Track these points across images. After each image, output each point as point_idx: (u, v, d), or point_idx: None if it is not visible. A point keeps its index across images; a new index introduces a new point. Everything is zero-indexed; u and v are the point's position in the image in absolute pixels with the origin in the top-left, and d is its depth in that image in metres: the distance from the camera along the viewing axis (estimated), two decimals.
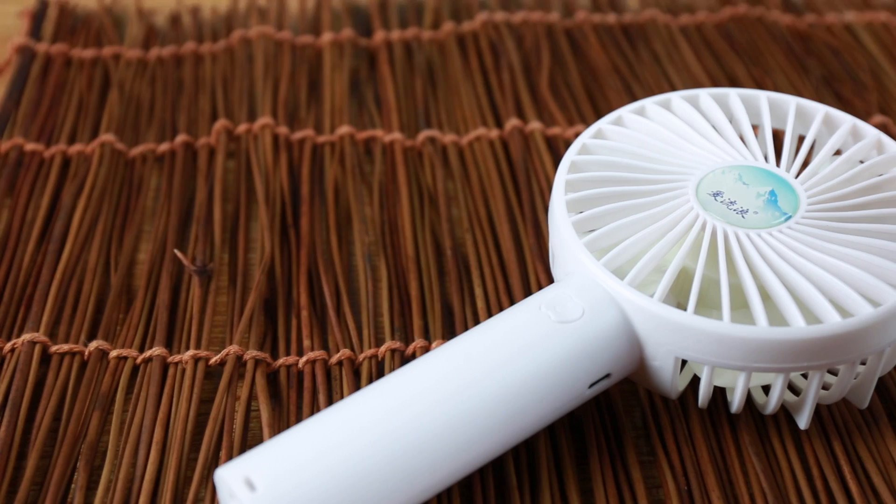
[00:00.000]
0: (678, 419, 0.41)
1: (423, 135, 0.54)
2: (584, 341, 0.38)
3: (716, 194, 0.41)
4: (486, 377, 0.37)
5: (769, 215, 0.41)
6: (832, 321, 0.37)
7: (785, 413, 0.42)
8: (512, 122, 0.55)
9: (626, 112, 0.45)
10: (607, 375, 0.39)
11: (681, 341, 0.38)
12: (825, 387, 0.41)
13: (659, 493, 0.39)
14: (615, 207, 0.41)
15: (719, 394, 0.42)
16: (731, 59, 0.60)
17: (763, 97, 0.46)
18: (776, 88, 0.58)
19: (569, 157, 0.44)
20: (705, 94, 0.46)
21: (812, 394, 0.39)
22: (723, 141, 0.44)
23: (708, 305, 0.41)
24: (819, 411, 0.42)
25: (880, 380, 0.43)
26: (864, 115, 0.57)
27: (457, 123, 0.56)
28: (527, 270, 0.47)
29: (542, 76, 0.58)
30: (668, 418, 0.41)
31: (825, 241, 0.40)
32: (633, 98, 0.57)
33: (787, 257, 0.39)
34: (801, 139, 0.46)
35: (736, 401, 0.39)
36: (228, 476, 0.34)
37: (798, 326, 0.37)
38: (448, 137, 0.54)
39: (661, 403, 0.42)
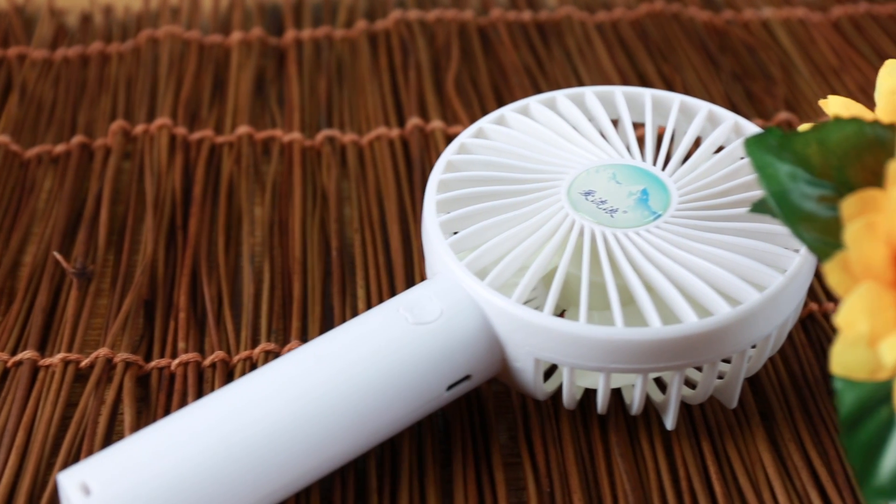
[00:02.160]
0: (549, 421, 0.41)
1: (323, 134, 0.54)
2: (441, 343, 0.38)
3: (587, 194, 0.41)
4: (336, 378, 0.36)
5: (638, 214, 0.40)
6: (689, 321, 0.37)
7: (657, 414, 0.41)
8: (413, 121, 0.54)
9: (508, 111, 0.45)
10: (467, 377, 0.38)
11: (539, 343, 0.37)
12: (693, 386, 0.41)
13: (522, 495, 0.39)
14: (484, 208, 0.41)
15: (594, 395, 0.42)
16: (643, 56, 0.60)
17: (647, 95, 0.45)
18: (685, 85, 0.58)
19: (445, 156, 0.43)
20: (590, 93, 0.46)
21: (675, 394, 0.39)
22: (602, 139, 0.44)
23: (577, 304, 0.41)
24: (691, 411, 0.42)
25: (755, 379, 0.43)
26: (771, 112, 0.56)
27: (359, 123, 0.55)
28: (413, 272, 0.47)
29: (449, 75, 0.58)
30: (539, 420, 0.41)
31: (690, 239, 0.39)
32: None
33: (651, 257, 0.39)
34: (696, 137, 0.46)
35: (599, 401, 0.39)
36: (66, 481, 0.34)
37: (655, 327, 0.37)
38: (348, 137, 0.54)
39: (532, 405, 0.42)
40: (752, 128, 0.43)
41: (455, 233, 0.41)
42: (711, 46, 0.61)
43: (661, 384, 0.42)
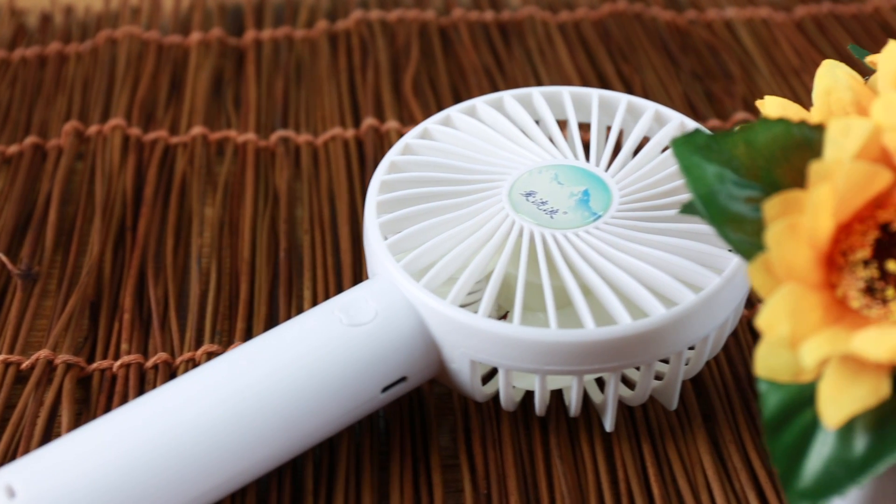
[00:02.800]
0: (490, 423, 0.41)
1: (277, 135, 0.54)
2: (375, 344, 0.37)
3: (528, 195, 0.41)
4: (268, 380, 0.36)
5: (578, 215, 0.40)
6: (623, 323, 0.37)
7: (599, 416, 0.41)
8: (368, 122, 0.54)
9: (454, 111, 0.45)
10: (403, 379, 0.38)
11: (474, 344, 0.37)
12: (633, 387, 0.41)
13: (459, 497, 0.39)
14: (424, 209, 0.41)
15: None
16: (603, 56, 0.60)
17: (594, 95, 0.45)
18: (644, 86, 0.58)
19: (389, 157, 0.43)
20: (537, 93, 0.45)
21: (612, 395, 0.39)
22: (546, 140, 0.43)
23: (526, 307, 0.41)
24: (633, 413, 0.41)
25: (699, 381, 0.42)
26: (729, 112, 0.56)
27: (315, 123, 0.55)
28: (361, 273, 0.47)
29: (407, 75, 0.58)
30: (479, 422, 0.41)
31: (627, 240, 0.39)
32: None
33: (588, 258, 0.39)
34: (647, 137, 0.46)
35: (536, 403, 0.39)
36: None
37: (588, 329, 0.37)
38: (303, 137, 0.54)
39: (473, 407, 0.42)
40: (693, 125, 0.43)
41: (397, 233, 0.41)
42: (673, 46, 0.61)
43: (603, 385, 0.42)
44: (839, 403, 0.30)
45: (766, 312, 0.30)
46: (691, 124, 0.43)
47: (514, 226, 0.40)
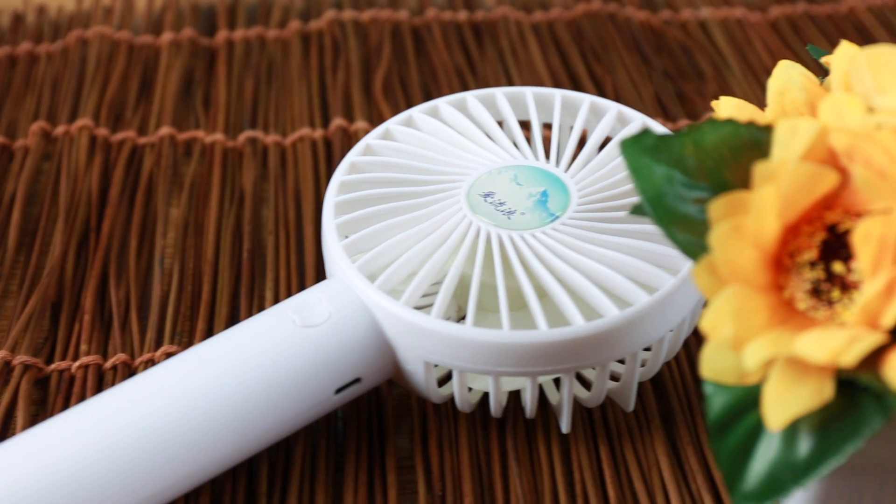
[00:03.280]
0: (447, 424, 0.41)
1: (245, 135, 0.54)
2: (328, 346, 0.37)
3: (487, 195, 0.41)
4: (218, 380, 0.36)
5: (536, 216, 0.40)
6: (576, 324, 0.37)
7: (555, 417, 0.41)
8: (337, 122, 0.54)
9: (416, 112, 0.45)
10: (357, 380, 0.38)
11: (427, 345, 0.37)
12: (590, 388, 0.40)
13: (413, 498, 0.39)
14: (382, 209, 0.41)
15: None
16: (576, 56, 0.60)
17: (557, 95, 0.45)
18: (616, 86, 0.57)
19: (349, 157, 0.43)
20: (500, 94, 0.45)
21: (567, 397, 0.38)
22: (507, 141, 0.43)
23: (484, 308, 0.41)
24: (591, 414, 0.41)
25: (659, 382, 0.42)
26: (700, 112, 0.56)
27: (284, 123, 0.55)
28: (325, 274, 0.47)
29: (378, 75, 0.57)
30: (437, 423, 0.41)
31: (584, 241, 0.39)
32: None
33: (544, 259, 0.39)
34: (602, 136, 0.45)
35: (491, 405, 0.39)
36: None
37: (541, 330, 0.36)
38: (271, 138, 0.54)
39: (431, 408, 0.41)
40: (659, 128, 0.43)
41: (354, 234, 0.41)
42: (646, 47, 0.60)
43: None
44: (782, 405, 0.30)
45: (710, 314, 0.30)
46: (653, 125, 0.43)
47: (472, 227, 0.40)
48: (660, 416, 0.41)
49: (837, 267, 0.31)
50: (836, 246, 0.32)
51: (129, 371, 0.43)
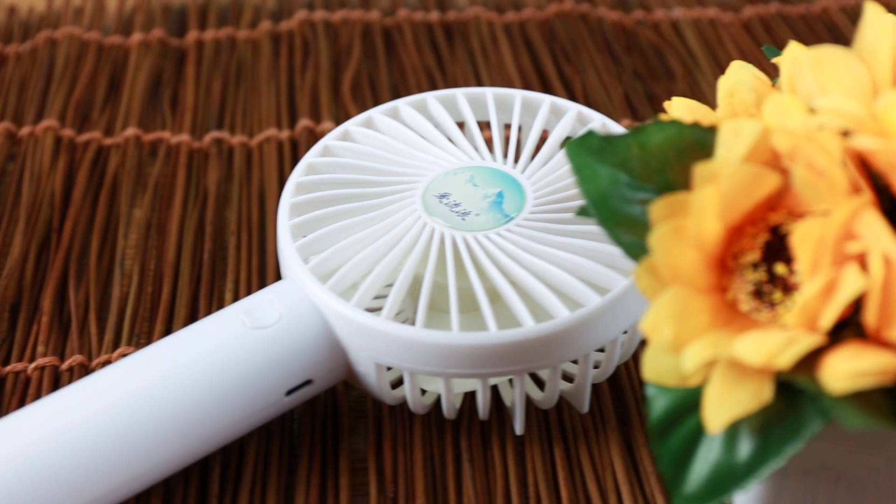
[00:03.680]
0: (403, 426, 0.41)
1: (211, 136, 0.53)
2: (278, 347, 0.37)
3: (442, 196, 0.41)
4: (166, 381, 0.36)
5: (490, 218, 0.40)
6: (526, 326, 0.36)
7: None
8: (304, 123, 0.54)
9: (376, 113, 0.45)
10: (308, 382, 0.38)
11: (378, 347, 0.37)
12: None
13: (365, 500, 0.39)
14: (337, 211, 0.41)
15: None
16: (546, 57, 0.59)
17: (518, 96, 0.45)
18: (585, 86, 0.57)
19: (307, 158, 0.43)
20: (461, 95, 0.45)
21: (519, 399, 0.38)
22: (465, 142, 0.43)
23: (437, 309, 0.41)
24: (548, 415, 0.41)
25: (616, 384, 0.42)
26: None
27: (251, 124, 0.55)
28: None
29: (347, 76, 0.57)
30: (392, 425, 0.41)
31: (537, 242, 0.39)
32: None
33: (496, 260, 0.38)
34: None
35: (443, 406, 0.39)
36: None
37: (491, 332, 0.36)
38: (237, 139, 0.54)
39: (387, 410, 0.41)
40: (619, 129, 0.43)
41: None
42: (617, 47, 0.60)
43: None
44: (722, 408, 0.30)
45: (650, 316, 0.30)
46: (613, 125, 0.43)
47: (426, 228, 0.40)
48: (616, 418, 0.41)
49: (780, 268, 0.31)
50: (780, 248, 0.31)
51: (86, 372, 0.43)
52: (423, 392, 0.40)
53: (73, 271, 0.46)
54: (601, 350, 0.39)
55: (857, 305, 0.30)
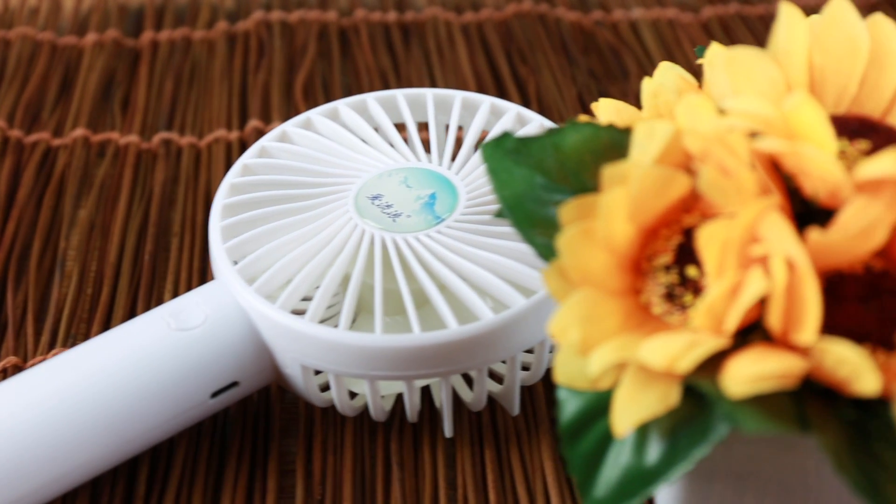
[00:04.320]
0: (335, 428, 0.41)
1: (159, 137, 0.53)
2: (203, 349, 0.37)
3: (374, 198, 0.40)
4: (86, 381, 0.36)
5: (421, 219, 0.40)
6: (450, 327, 0.36)
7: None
8: (253, 123, 0.54)
9: (314, 114, 0.44)
10: (234, 384, 0.38)
11: (302, 349, 0.37)
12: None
13: (291, 502, 0.38)
14: (269, 212, 0.40)
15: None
16: (502, 57, 0.59)
17: (458, 97, 0.45)
18: (539, 87, 0.57)
19: (242, 160, 0.43)
20: (400, 95, 0.45)
21: (446, 401, 0.38)
22: (402, 143, 0.43)
23: (369, 311, 0.41)
24: (481, 417, 0.41)
25: (548, 386, 0.42)
26: None
27: (201, 125, 0.55)
28: None
29: (300, 76, 0.57)
30: (324, 427, 0.41)
31: (465, 244, 0.39)
32: None
33: (424, 261, 0.38)
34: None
35: (370, 408, 0.39)
36: None
37: (414, 333, 0.36)
38: (186, 139, 0.53)
39: (320, 413, 0.41)
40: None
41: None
42: (574, 47, 0.60)
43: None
44: (629, 411, 0.29)
45: (557, 318, 0.30)
46: (550, 126, 0.43)
47: (356, 229, 0.39)
48: (549, 420, 0.41)
49: (691, 271, 0.31)
50: (692, 250, 0.31)
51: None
52: (354, 395, 0.40)
53: (12, 273, 0.46)
54: (530, 351, 0.39)
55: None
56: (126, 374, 0.36)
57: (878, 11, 0.34)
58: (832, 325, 0.29)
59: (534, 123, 0.43)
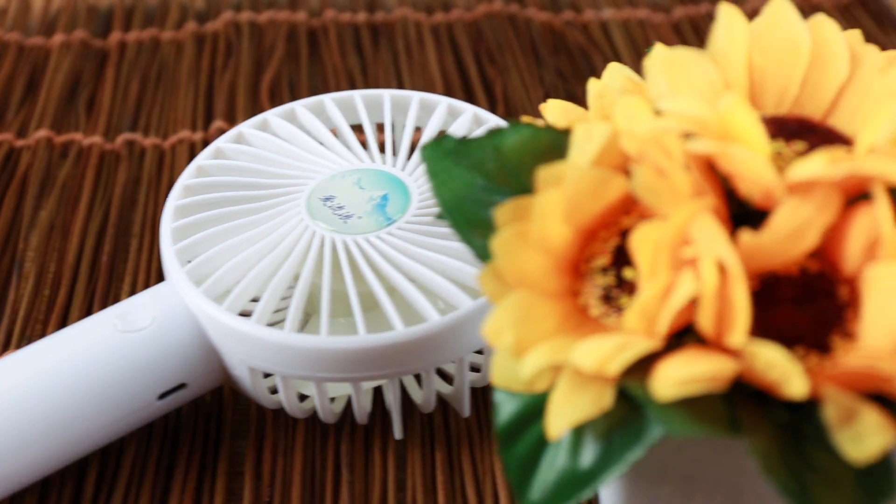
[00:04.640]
0: (286, 430, 0.40)
1: (122, 138, 0.53)
2: (149, 351, 0.37)
3: (326, 199, 0.40)
4: (30, 382, 0.36)
5: (372, 220, 0.40)
6: (396, 329, 0.36)
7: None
8: (217, 124, 0.54)
9: (271, 115, 0.44)
10: (182, 386, 0.38)
11: (248, 350, 0.37)
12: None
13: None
14: (220, 214, 0.40)
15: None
16: (470, 58, 0.59)
17: (415, 98, 0.45)
18: (506, 87, 0.57)
19: (197, 161, 0.43)
20: (358, 97, 0.45)
21: (394, 402, 0.38)
22: (357, 144, 0.43)
23: (318, 313, 0.41)
24: (433, 419, 0.41)
25: None
26: None
27: (166, 126, 0.55)
28: None
29: (266, 77, 0.57)
30: (275, 429, 0.40)
31: (415, 245, 0.39)
32: None
33: (373, 263, 0.38)
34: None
35: (318, 410, 0.38)
36: None
37: (360, 336, 0.36)
38: (150, 140, 0.53)
39: (271, 414, 0.41)
40: None
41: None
42: (543, 48, 0.60)
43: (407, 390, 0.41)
44: (562, 413, 0.29)
45: (491, 320, 0.30)
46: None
47: (306, 231, 0.39)
48: None
49: (628, 273, 0.31)
50: (630, 252, 0.31)
51: None
52: (305, 397, 0.40)
53: None
54: (480, 353, 0.39)
55: None
56: (71, 375, 0.36)
57: (821, 13, 0.34)
58: (766, 328, 0.29)
59: (490, 124, 0.43)
